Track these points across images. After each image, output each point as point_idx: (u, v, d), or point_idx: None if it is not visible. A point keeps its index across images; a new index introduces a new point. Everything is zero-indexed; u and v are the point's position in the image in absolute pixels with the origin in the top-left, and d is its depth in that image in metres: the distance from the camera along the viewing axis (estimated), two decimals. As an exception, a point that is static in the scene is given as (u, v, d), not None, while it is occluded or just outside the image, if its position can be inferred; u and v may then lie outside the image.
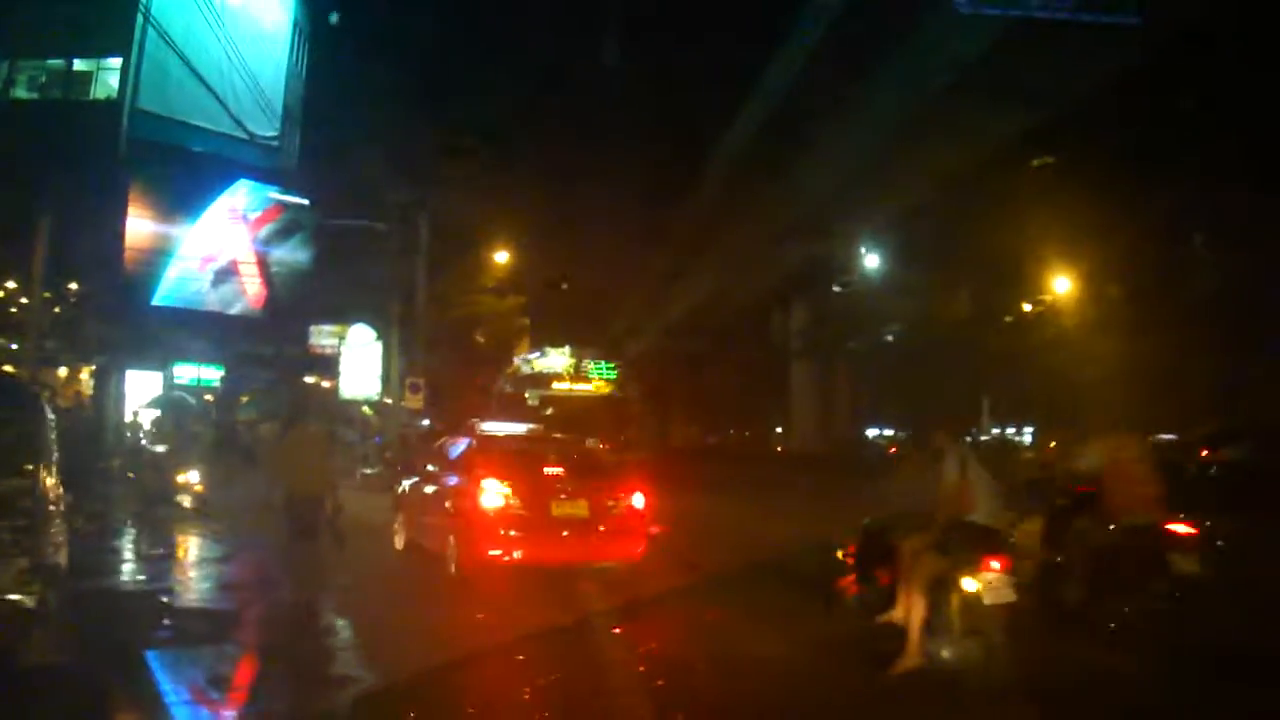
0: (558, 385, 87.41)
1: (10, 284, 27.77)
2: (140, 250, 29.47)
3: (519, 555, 9.99)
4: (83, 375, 30.22)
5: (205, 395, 32.33)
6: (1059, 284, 40.96)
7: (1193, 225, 34.96)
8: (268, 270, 32.50)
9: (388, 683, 6.86)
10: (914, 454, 8.23)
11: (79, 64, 30.86)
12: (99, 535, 12.62)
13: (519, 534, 10.03)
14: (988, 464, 7.70)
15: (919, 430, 8.27)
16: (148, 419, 27.32)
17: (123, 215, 28.97)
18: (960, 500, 6.82)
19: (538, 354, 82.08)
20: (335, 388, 32.40)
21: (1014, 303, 40.16)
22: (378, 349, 30.33)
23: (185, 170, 30.40)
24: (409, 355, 29.45)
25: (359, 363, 31.16)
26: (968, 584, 6.47)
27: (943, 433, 7.35)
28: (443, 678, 6.81)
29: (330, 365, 33.36)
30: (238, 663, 7.76)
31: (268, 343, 32.24)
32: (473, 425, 12.73)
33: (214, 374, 31.86)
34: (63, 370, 30.08)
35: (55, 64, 30.87)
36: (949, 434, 7.34)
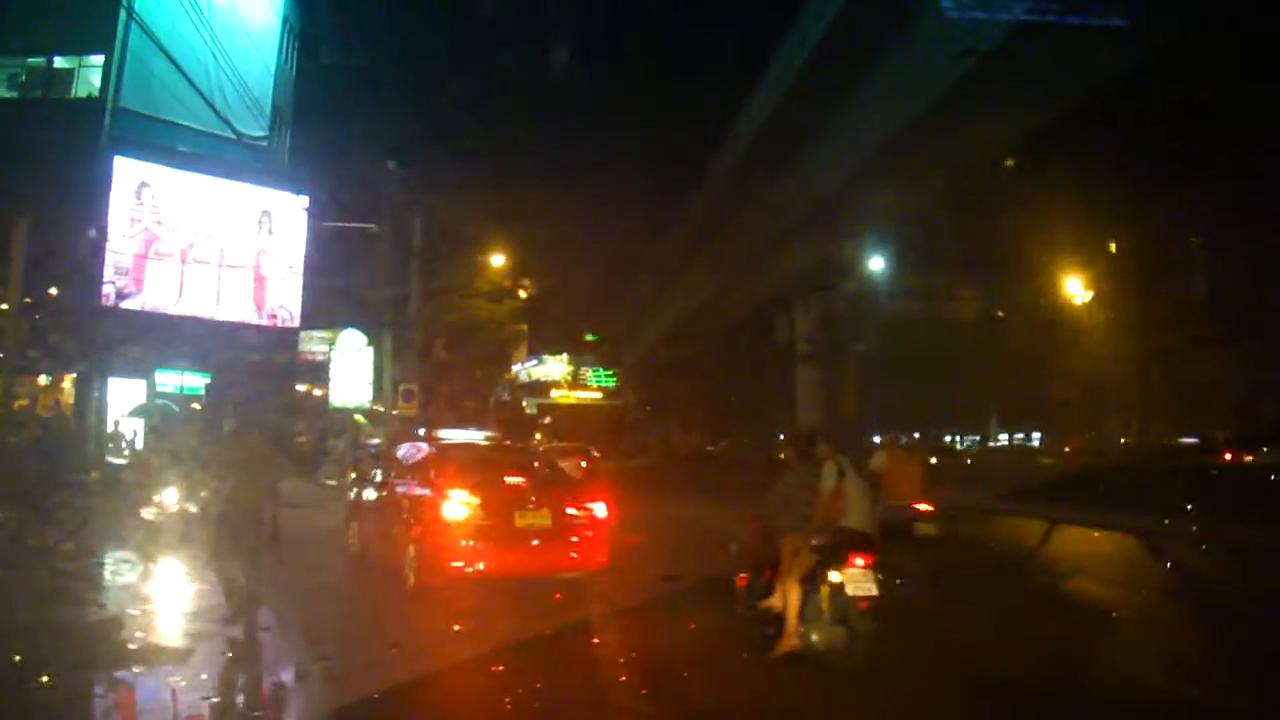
0: (556, 393, 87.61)
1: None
2: (123, 253, 28.43)
3: (482, 567, 9.89)
4: (65, 384, 29.15)
5: (193, 404, 31.35)
6: (1070, 285, 40.33)
7: (1192, 227, 34.54)
8: (256, 273, 31.45)
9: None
10: (797, 461, 8.55)
11: (60, 61, 29.93)
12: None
13: (482, 545, 9.92)
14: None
15: (804, 440, 8.77)
16: (129, 429, 26.43)
17: (104, 217, 27.94)
18: (834, 505, 7.66)
19: (535, 361, 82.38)
20: (326, 395, 31.50)
21: (1025, 304, 39.44)
22: (369, 355, 29.39)
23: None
24: (402, 361, 28.61)
25: (349, 369, 30.22)
26: (835, 578, 7.41)
27: (826, 444, 8.16)
28: (405, 699, 6.77)
29: (321, 372, 32.43)
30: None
31: (256, 349, 31.22)
32: (431, 433, 12.89)
33: (199, 381, 30.81)
34: (43, 379, 29.04)
35: (35, 62, 29.90)
36: (831, 445, 8.13)
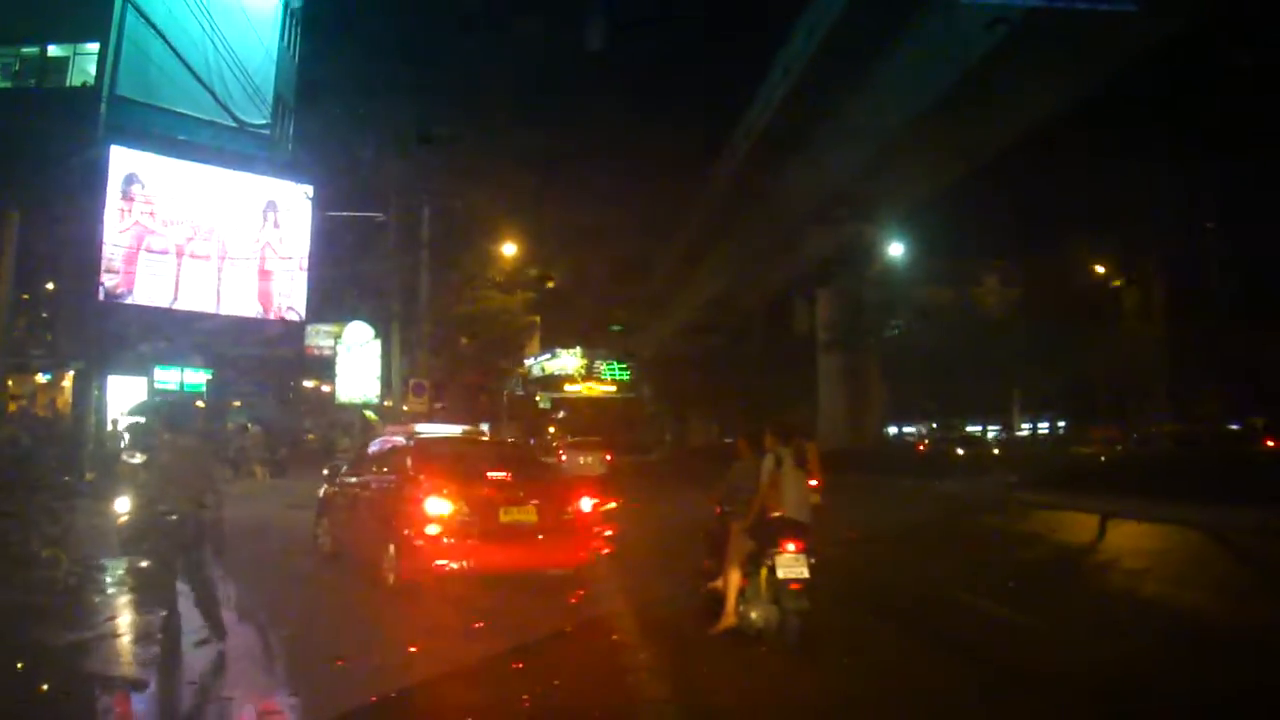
0: (569, 387, 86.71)
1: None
2: (120, 246, 27.52)
3: (467, 564, 9.59)
4: (65, 383, 28.31)
5: (196, 401, 30.48)
6: (1101, 268, 39.26)
7: (1228, 205, 33.51)
8: (261, 266, 30.53)
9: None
10: (748, 452, 8.88)
11: (54, 50, 29.12)
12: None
13: (467, 542, 9.61)
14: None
15: (752, 432, 9.06)
16: (128, 427, 25.60)
17: (101, 209, 27.05)
18: (772, 494, 8.06)
19: (548, 355, 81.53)
20: (334, 391, 30.58)
21: (1054, 287, 38.36)
22: (376, 348, 28.42)
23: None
24: (411, 355, 27.64)
25: (356, 363, 29.25)
26: (770, 562, 7.83)
27: (771, 436, 8.39)
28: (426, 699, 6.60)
29: (329, 367, 31.52)
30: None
31: (260, 344, 30.32)
32: (409, 427, 12.55)
33: (200, 378, 29.92)
34: (41, 377, 28.23)
35: (29, 50, 29.06)
36: (775, 438, 8.35)
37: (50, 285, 27.71)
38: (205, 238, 29.37)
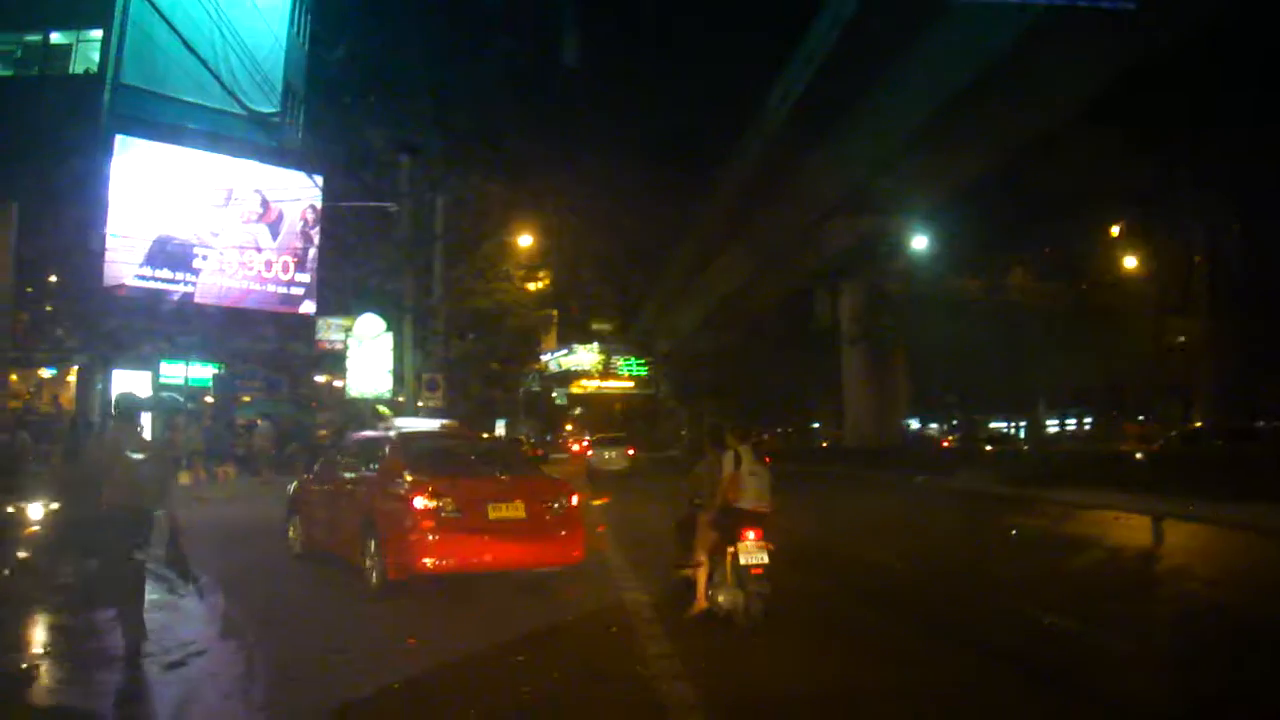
0: (586, 383, 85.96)
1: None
2: (125, 237, 26.79)
3: (456, 563, 9.41)
4: (70, 378, 27.63)
5: (205, 397, 29.80)
6: (1131, 262, 38.18)
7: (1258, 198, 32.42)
8: (270, 258, 29.75)
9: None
10: (712, 449, 9.25)
11: (57, 36, 28.42)
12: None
13: (457, 540, 9.40)
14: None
15: (715, 432, 9.45)
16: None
17: (105, 199, 26.31)
18: (732, 488, 8.55)
19: (565, 351, 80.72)
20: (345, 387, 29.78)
21: (1084, 281, 37.36)
22: (387, 341, 27.60)
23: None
24: (425, 349, 26.83)
25: (367, 357, 28.42)
26: (732, 550, 8.38)
27: (731, 435, 8.98)
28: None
29: (340, 362, 30.74)
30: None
31: (269, 338, 29.56)
32: (387, 422, 12.45)
33: (207, 372, 29.19)
34: (45, 371, 27.56)
35: (32, 38, 28.37)
36: (735, 436, 8.94)
37: (53, 278, 27.00)
38: (212, 228, 28.59)
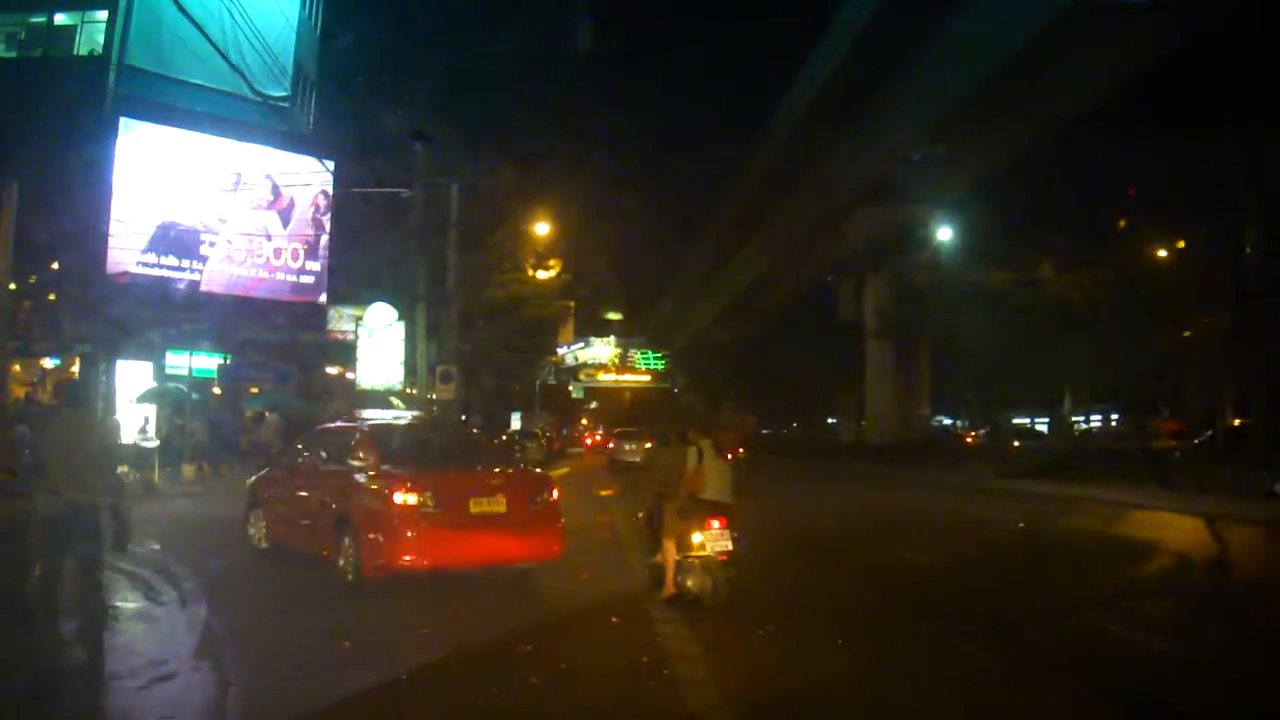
0: (603, 376, 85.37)
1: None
2: (127, 222, 26.08)
3: (437, 560, 9.12)
4: (74, 368, 26.92)
5: (214, 388, 29.07)
6: (1162, 251, 37.08)
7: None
8: (279, 245, 29.01)
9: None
10: (675, 443, 9.63)
11: (61, 17, 27.75)
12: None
13: (438, 536, 9.07)
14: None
15: (679, 428, 9.87)
16: (140, 414, 24.34)
17: (109, 184, 25.60)
18: (696, 480, 9.08)
19: (582, 344, 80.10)
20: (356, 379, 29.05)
21: (1116, 272, 36.25)
22: (399, 331, 26.81)
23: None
24: (438, 340, 26.05)
25: (378, 348, 27.64)
26: (698, 537, 8.96)
27: (692, 431, 9.49)
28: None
29: (351, 352, 29.99)
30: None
31: (278, 328, 28.82)
32: (354, 414, 12.33)
33: (211, 363, 28.45)
34: (48, 361, 26.88)
35: (36, 19, 27.72)
36: (696, 432, 9.44)
37: (56, 265, 26.32)
38: (220, 214, 27.86)
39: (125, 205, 25.90)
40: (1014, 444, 35.92)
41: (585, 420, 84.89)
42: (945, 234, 36.44)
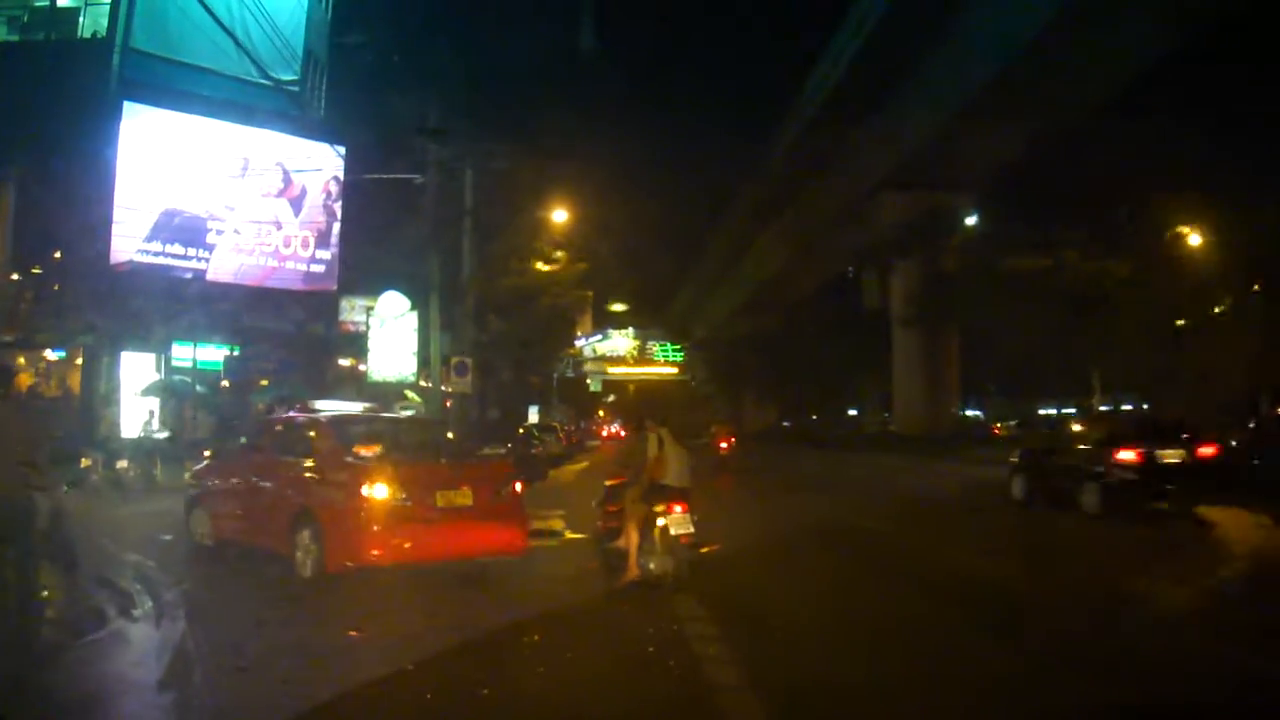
0: (621, 369, 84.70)
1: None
2: (134, 210, 25.37)
3: (405, 554, 8.88)
4: (78, 360, 26.28)
5: (221, 381, 28.38)
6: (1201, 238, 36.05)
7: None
8: (289, 234, 28.29)
9: None
10: (635, 433, 10.23)
11: (65, 0, 26.91)
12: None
13: (405, 529, 8.85)
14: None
15: (637, 417, 10.44)
16: (144, 407, 23.74)
17: (113, 170, 24.88)
18: (657, 467, 9.56)
19: (600, 336, 79.43)
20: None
21: (1150, 260, 35.27)
22: (412, 321, 26.02)
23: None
24: (453, 330, 25.28)
25: (390, 338, 26.86)
26: (661, 522, 9.29)
27: (651, 420, 10.01)
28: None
29: (363, 343, 29.24)
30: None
31: (287, 318, 28.10)
32: (305, 404, 12.05)
33: (218, 355, 27.77)
34: (51, 353, 26.24)
35: (39, 2, 26.95)
36: (655, 421, 9.95)
37: (58, 254, 25.67)
38: (227, 202, 27.13)
39: (128, 192, 25.18)
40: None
41: (603, 413, 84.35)
42: (977, 220, 35.52)
